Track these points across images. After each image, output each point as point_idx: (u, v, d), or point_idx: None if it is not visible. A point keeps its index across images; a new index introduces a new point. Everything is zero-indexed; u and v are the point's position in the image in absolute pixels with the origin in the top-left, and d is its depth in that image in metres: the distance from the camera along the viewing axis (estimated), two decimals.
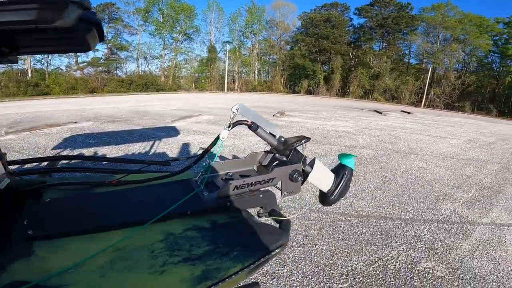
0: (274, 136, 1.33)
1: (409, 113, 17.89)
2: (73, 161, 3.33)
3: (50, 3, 0.73)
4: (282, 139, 1.34)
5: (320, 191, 1.50)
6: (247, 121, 1.25)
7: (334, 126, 9.40)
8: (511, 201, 3.94)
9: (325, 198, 1.48)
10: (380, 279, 2.06)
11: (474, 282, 2.11)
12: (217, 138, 1.24)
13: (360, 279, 2.04)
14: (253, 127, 1.24)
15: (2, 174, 1.30)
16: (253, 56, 36.18)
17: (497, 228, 3.08)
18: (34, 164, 1.94)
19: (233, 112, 1.20)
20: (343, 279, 2.03)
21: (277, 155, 1.36)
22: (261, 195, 1.32)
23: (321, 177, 1.43)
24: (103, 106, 11.69)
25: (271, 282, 1.94)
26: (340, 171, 1.47)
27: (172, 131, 6.85)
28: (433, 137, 8.86)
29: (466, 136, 9.88)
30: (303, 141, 1.33)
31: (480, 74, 32.12)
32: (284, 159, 1.36)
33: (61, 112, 9.63)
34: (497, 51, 30.97)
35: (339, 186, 1.44)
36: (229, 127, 1.19)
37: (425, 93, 29.74)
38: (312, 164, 1.39)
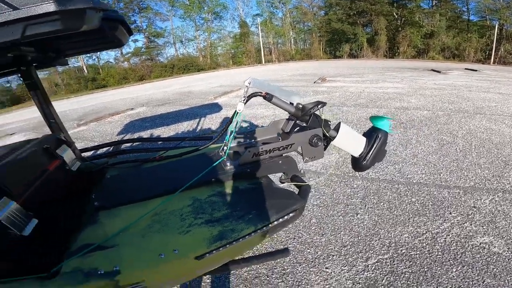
0: (292, 104, 1.32)
1: (475, 70, 15.44)
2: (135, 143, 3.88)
3: (69, 13, 0.81)
4: (300, 105, 1.33)
5: (352, 156, 1.44)
6: (261, 93, 1.29)
7: (383, 88, 8.63)
8: None
9: (357, 163, 1.42)
10: (426, 252, 1.90)
11: None
12: (236, 112, 1.30)
13: (403, 251, 1.92)
14: (268, 97, 1.28)
15: (73, 159, 1.68)
16: (286, 25, 34.39)
17: None
18: (105, 149, 2.42)
19: (246, 86, 1.25)
20: (384, 250, 1.93)
21: (297, 121, 1.37)
22: (280, 161, 1.36)
23: (348, 141, 1.37)
24: (152, 92, 12.57)
25: (308, 250, 1.95)
26: (372, 134, 1.39)
27: (215, 107, 7.24)
28: (505, 95, 7.57)
29: None
30: (319, 106, 1.31)
31: None
32: (304, 124, 1.35)
33: (118, 101, 10.68)
34: None
35: (372, 150, 1.37)
36: (244, 100, 1.25)
37: (493, 50, 25.09)
38: (337, 128, 1.34)
